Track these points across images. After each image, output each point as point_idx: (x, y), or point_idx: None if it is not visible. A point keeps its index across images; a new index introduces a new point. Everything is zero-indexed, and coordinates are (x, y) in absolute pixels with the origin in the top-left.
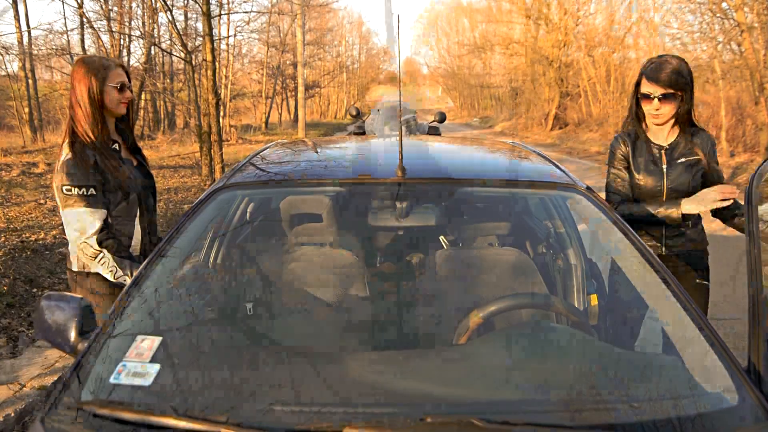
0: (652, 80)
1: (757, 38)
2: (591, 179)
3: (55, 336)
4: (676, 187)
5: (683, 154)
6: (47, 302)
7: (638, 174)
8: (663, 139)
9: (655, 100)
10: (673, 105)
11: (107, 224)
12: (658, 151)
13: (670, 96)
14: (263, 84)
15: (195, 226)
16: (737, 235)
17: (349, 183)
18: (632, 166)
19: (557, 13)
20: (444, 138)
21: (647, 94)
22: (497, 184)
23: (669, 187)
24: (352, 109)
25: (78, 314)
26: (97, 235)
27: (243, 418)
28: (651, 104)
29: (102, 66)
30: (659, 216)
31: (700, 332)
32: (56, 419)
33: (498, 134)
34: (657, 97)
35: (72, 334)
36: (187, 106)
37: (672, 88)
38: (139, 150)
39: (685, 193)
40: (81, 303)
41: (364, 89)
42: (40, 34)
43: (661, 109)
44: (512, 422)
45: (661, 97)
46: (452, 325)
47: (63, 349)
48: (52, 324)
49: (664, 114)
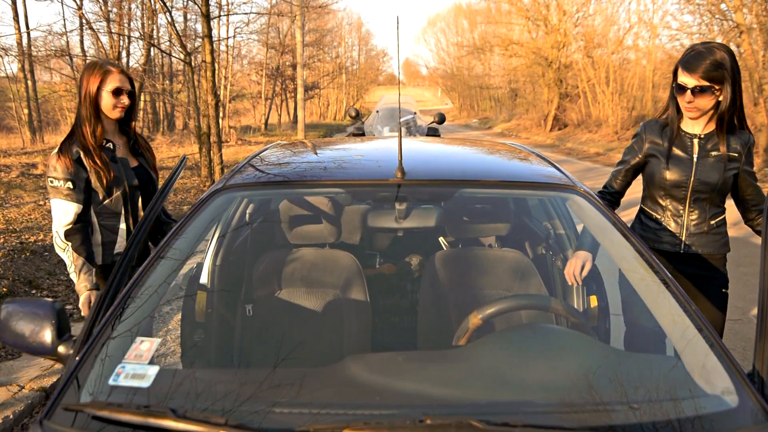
0: (687, 70)
1: (756, 39)
2: (590, 180)
3: (29, 342)
4: (705, 180)
5: (717, 148)
6: (13, 307)
7: (666, 163)
8: (698, 129)
9: (688, 92)
10: (709, 98)
11: (81, 218)
12: (689, 141)
13: (707, 89)
14: (262, 85)
15: (194, 227)
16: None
17: (349, 184)
18: (659, 154)
19: (556, 15)
20: (443, 139)
21: (682, 85)
22: (496, 185)
23: (696, 179)
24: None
25: (53, 317)
26: (67, 227)
27: (242, 419)
28: (684, 96)
29: (101, 70)
30: None
31: (700, 333)
32: (55, 421)
33: (497, 135)
34: (690, 89)
35: (49, 337)
36: (187, 108)
37: (708, 81)
38: (141, 152)
39: (712, 189)
40: (54, 306)
41: (364, 91)
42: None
43: (694, 102)
44: (512, 423)
45: (696, 90)
46: (452, 327)
47: (40, 354)
48: (24, 330)
49: (700, 107)
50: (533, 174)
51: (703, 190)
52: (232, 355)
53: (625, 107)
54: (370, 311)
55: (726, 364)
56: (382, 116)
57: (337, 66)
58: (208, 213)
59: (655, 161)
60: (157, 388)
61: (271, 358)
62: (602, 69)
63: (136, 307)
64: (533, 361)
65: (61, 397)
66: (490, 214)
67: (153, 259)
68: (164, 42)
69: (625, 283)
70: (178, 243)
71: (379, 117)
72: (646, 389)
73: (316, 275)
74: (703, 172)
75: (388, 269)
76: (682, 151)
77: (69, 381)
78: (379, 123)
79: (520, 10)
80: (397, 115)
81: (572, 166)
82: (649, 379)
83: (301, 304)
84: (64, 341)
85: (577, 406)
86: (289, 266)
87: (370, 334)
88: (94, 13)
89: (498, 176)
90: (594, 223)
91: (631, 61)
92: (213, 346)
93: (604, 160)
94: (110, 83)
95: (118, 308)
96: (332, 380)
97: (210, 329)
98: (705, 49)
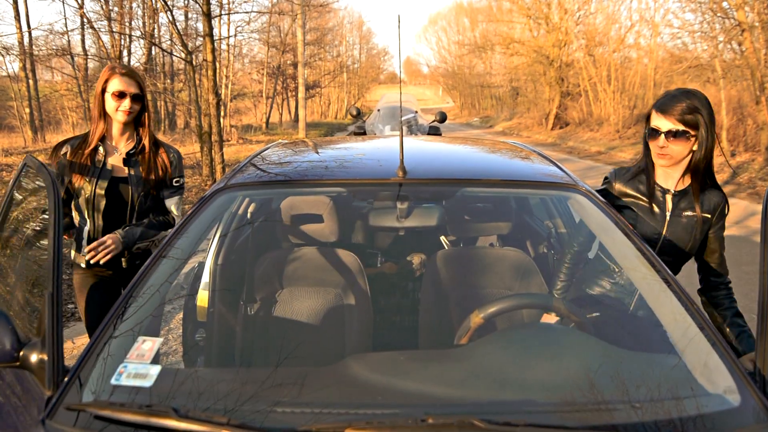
0: (662, 112)
1: (758, 37)
2: (592, 179)
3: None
4: (674, 241)
5: (691, 207)
6: None
7: (637, 216)
8: (671, 184)
9: (662, 136)
10: (684, 145)
11: None
12: (662, 195)
13: (681, 134)
14: (264, 84)
15: (196, 226)
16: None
17: (350, 183)
18: (630, 206)
19: (557, 13)
20: (445, 138)
21: (655, 128)
22: (498, 184)
23: (666, 238)
24: (352, 109)
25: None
26: None
27: (244, 419)
28: (657, 141)
29: (108, 71)
30: None
31: (702, 332)
32: (57, 421)
33: (499, 134)
34: (664, 132)
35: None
36: (188, 107)
37: (684, 125)
38: (138, 163)
39: (679, 252)
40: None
41: (365, 89)
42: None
43: (668, 148)
44: (514, 423)
45: (670, 134)
46: (453, 326)
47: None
48: None
49: (672, 155)
50: (535, 173)
51: (670, 252)
52: (233, 354)
53: (626, 106)
54: (371, 310)
55: (728, 362)
56: (383, 115)
57: (338, 65)
58: (210, 212)
59: (627, 212)
60: (159, 387)
61: (273, 357)
62: (604, 67)
63: (138, 306)
64: (535, 360)
65: (64, 396)
66: (492, 213)
67: (155, 258)
68: (165, 41)
69: (627, 282)
70: (179, 242)
71: (381, 116)
72: (648, 388)
73: (318, 274)
74: (674, 231)
75: (389, 268)
76: (655, 205)
77: (71, 380)
78: (380, 122)
79: (521, 9)
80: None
81: (574, 165)
82: (650, 378)
83: (303, 304)
84: (28, 347)
85: (579, 405)
86: (291, 265)
87: (372, 333)
88: (96, 12)
89: (499, 175)
90: (595, 221)
91: (632, 60)
92: (215, 346)
93: (606, 158)
94: (113, 85)
95: (120, 307)
96: (334, 379)
97: (212, 328)
98: (681, 92)
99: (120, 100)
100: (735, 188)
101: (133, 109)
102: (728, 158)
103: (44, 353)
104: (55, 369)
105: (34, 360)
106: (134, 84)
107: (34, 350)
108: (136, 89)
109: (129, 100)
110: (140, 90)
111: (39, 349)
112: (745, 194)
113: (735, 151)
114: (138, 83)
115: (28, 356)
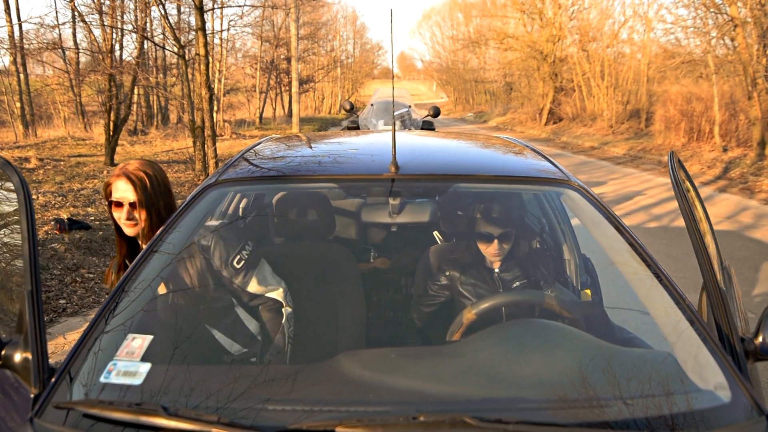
0: None
1: (751, 33)
2: (585, 174)
3: None
4: None
5: None
6: None
7: None
8: None
9: None
10: None
11: None
12: None
13: None
14: (257, 79)
15: (187, 222)
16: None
17: (343, 179)
18: None
19: (551, 8)
20: (438, 133)
21: None
22: (491, 179)
23: None
24: (345, 104)
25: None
26: None
27: (234, 417)
28: None
29: (111, 178)
30: None
31: (693, 328)
32: (46, 419)
33: (492, 129)
34: None
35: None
36: (181, 101)
37: None
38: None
39: None
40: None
41: (359, 84)
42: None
43: None
44: (505, 420)
45: None
46: (446, 322)
47: None
48: None
49: None
50: (527, 168)
51: None
52: (223, 351)
53: (620, 101)
54: (364, 306)
55: (719, 359)
56: (376, 109)
57: (332, 59)
58: (201, 208)
59: None
60: (149, 385)
61: (264, 354)
62: (597, 63)
63: (128, 302)
64: (527, 357)
65: (52, 394)
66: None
67: (145, 254)
68: (158, 35)
69: (619, 277)
70: (170, 238)
71: (374, 110)
72: (640, 384)
73: (310, 270)
74: None
75: (382, 264)
76: None
77: (60, 378)
78: (373, 116)
79: (515, 3)
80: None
81: (567, 160)
82: (642, 374)
83: (295, 300)
84: (10, 345)
85: (571, 402)
86: (283, 261)
87: (364, 328)
88: (87, 5)
89: (492, 171)
90: (588, 217)
91: (626, 55)
92: (205, 343)
93: (599, 153)
94: (112, 193)
95: (110, 304)
96: (325, 376)
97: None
98: None
99: (118, 209)
100: (726, 183)
101: (135, 217)
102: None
103: (28, 351)
104: (40, 367)
105: (18, 359)
106: (131, 189)
107: (17, 349)
108: (137, 195)
109: (128, 209)
110: (144, 192)
111: (22, 348)
112: (737, 189)
113: (727, 146)
114: (142, 185)
115: (11, 355)
